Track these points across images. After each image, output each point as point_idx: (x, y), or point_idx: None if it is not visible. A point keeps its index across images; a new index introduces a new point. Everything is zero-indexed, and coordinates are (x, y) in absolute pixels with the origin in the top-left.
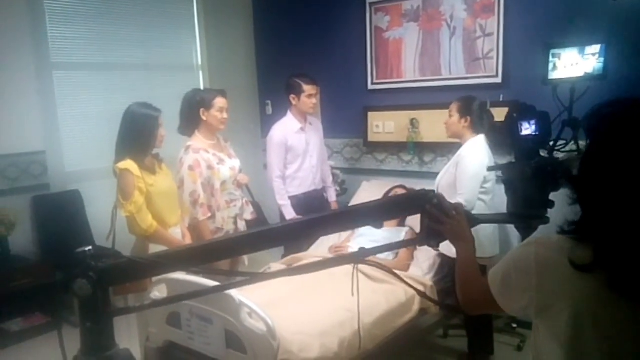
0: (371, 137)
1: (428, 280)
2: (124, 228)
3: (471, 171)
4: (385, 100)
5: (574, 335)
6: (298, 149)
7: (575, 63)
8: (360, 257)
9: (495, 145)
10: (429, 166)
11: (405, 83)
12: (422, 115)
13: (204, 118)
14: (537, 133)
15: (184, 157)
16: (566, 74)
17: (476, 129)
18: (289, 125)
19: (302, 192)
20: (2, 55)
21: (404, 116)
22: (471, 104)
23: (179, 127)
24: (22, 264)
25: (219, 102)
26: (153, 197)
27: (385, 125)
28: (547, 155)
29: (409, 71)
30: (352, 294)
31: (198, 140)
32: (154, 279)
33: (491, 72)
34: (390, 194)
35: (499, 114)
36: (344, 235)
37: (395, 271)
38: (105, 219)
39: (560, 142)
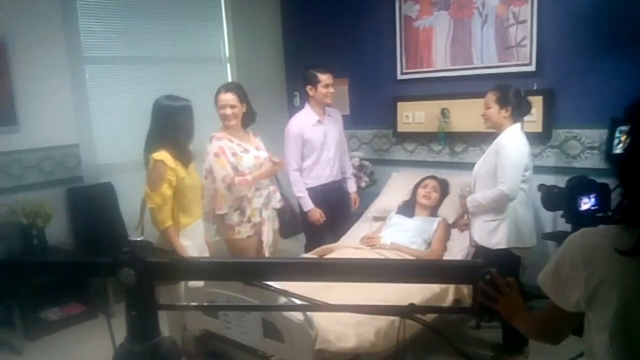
0: (401, 128)
1: None
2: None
3: (513, 159)
4: (415, 90)
5: (623, 323)
6: (315, 142)
7: None
8: (409, 312)
9: (549, 208)
10: (460, 156)
11: (435, 72)
12: (453, 105)
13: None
14: (596, 207)
15: (208, 146)
16: None
17: (515, 117)
18: (306, 118)
19: (319, 184)
20: (36, 51)
21: (435, 106)
22: (508, 92)
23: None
24: (58, 255)
25: (223, 99)
26: (184, 189)
27: (415, 115)
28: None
29: (440, 60)
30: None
31: (222, 132)
32: None
33: (524, 60)
34: (421, 185)
35: (533, 102)
36: (375, 224)
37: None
38: (137, 210)
39: None
